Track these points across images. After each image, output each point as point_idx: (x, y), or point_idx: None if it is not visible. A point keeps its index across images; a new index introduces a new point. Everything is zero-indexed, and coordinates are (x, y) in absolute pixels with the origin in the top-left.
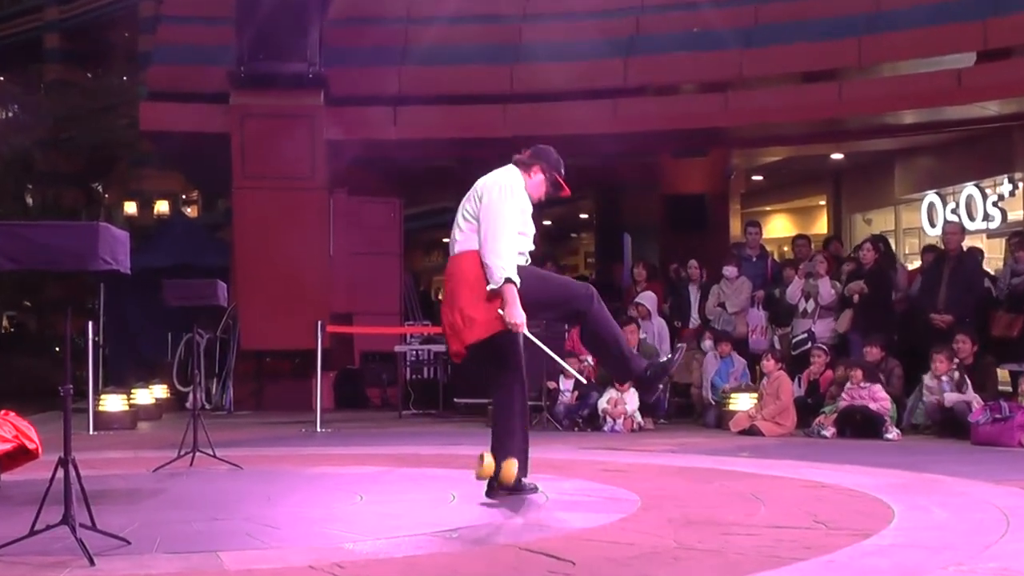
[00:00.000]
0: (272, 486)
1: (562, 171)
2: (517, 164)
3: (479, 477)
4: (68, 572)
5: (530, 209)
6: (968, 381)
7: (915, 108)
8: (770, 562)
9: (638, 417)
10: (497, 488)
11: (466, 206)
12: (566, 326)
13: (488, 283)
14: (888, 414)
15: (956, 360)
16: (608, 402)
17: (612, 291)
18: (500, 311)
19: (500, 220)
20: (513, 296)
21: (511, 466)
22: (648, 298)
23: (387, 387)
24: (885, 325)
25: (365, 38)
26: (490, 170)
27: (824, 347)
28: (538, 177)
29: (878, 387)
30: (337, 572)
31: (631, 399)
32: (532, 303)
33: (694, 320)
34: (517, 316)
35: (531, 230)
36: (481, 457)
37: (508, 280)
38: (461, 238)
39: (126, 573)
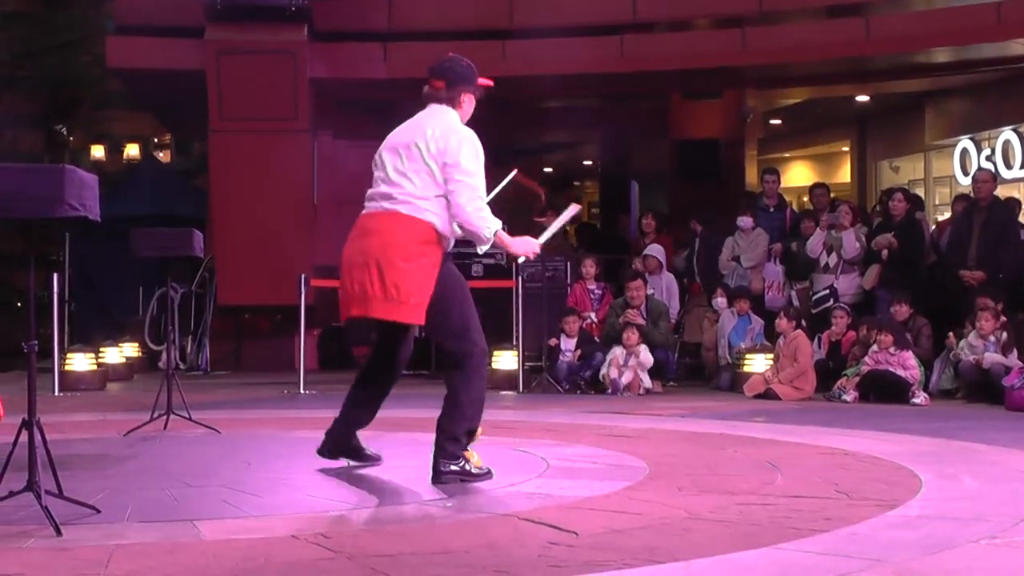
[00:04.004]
0: (252, 451)
1: (477, 74)
2: (442, 102)
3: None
4: (33, 542)
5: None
6: (1014, 346)
7: (949, 45)
8: (787, 533)
9: (645, 381)
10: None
11: (412, 163)
12: (569, 281)
13: (480, 246)
14: (917, 382)
15: (1003, 319)
16: (611, 365)
17: (618, 243)
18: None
19: (474, 179)
20: (505, 240)
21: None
22: (658, 251)
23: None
24: (915, 282)
25: None
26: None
27: (846, 307)
28: (470, 100)
29: (909, 354)
30: (322, 542)
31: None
32: (436, 309)
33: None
34: (521, 248)
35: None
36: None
37: (495, 232)
38: (410, 199)
39: (95, 543)
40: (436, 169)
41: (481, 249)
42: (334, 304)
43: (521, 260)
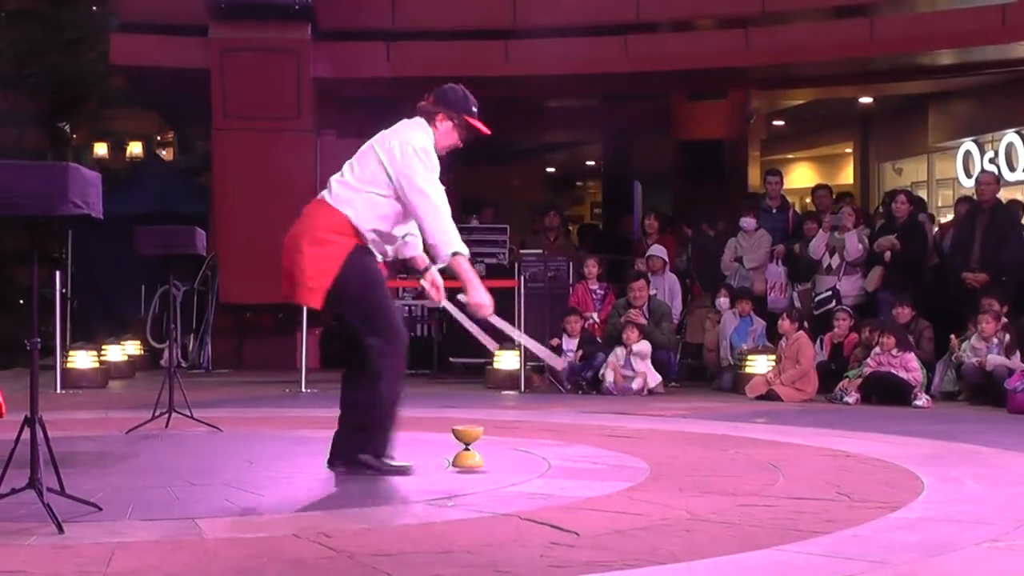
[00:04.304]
0: (254, 449)
1: (472, 110)
2: (422, 114)
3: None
4: (35, 540)
5: (438, 169)
6: (1017, 348)
7: (953, 47)
8: (789, 535)
9: (651, 380)
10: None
11: (365, 159)
12: (571, 281)
13: (434, 261)
14: (919, 384)
15: (1004, 321)
16: (608, 367)
17: (621, 244)
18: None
19: (432, 193)
20: (468, 274)
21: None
22: (661, 251)
23: None
24: (918, 284)
25: None
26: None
27: (848, 309)
28: (445, 125)
29: (911, 356)
30: (324, 542)
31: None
32: (344, 299)
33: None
34: (479, 297)
35: None
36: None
37: (456, 253)
38: (337, 189)
39: (97, 541)
40: (375, 168)
41: (435, 266)
42: None
43: (463, 299)
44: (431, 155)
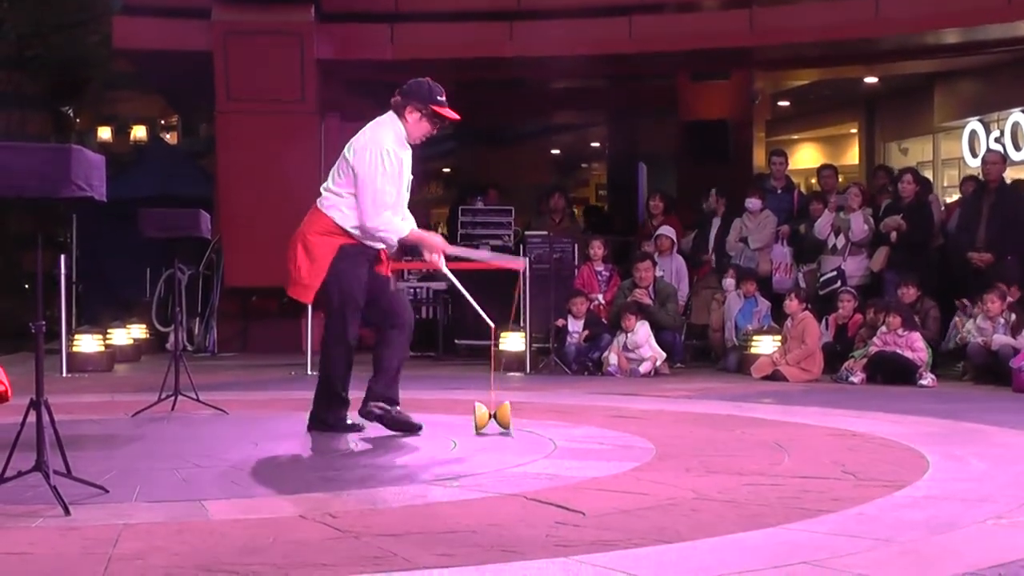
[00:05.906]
0: (259, 432)
1: (438, 99)
2: (393, 109)
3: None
4: (42, 521)
5: (407, 160)
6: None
7: (958, 26)
8: (795, 514)
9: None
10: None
11: (341, 163)
12: (576, 263)
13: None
14: (925, 363)
15: (1009, 300)
16: (613, 350)
17: (626, 225)
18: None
19: (376, 193)
20: (420, 237)
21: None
22: (670, 231)
23: None
24: (923, 264)
25: None
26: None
27: (852, 291)
28: (413, 116)
29: (916, 335)
30: (330, 522)
31: (638, 340)
32: (325, 298)
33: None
34: (431, 243)
35: (406, 183)
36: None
37: (402, 237)
38: (325, 196)
39: (104, 523)
40: (347, 171)
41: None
42: None
43: (435, 258)
44: (391, 155)
